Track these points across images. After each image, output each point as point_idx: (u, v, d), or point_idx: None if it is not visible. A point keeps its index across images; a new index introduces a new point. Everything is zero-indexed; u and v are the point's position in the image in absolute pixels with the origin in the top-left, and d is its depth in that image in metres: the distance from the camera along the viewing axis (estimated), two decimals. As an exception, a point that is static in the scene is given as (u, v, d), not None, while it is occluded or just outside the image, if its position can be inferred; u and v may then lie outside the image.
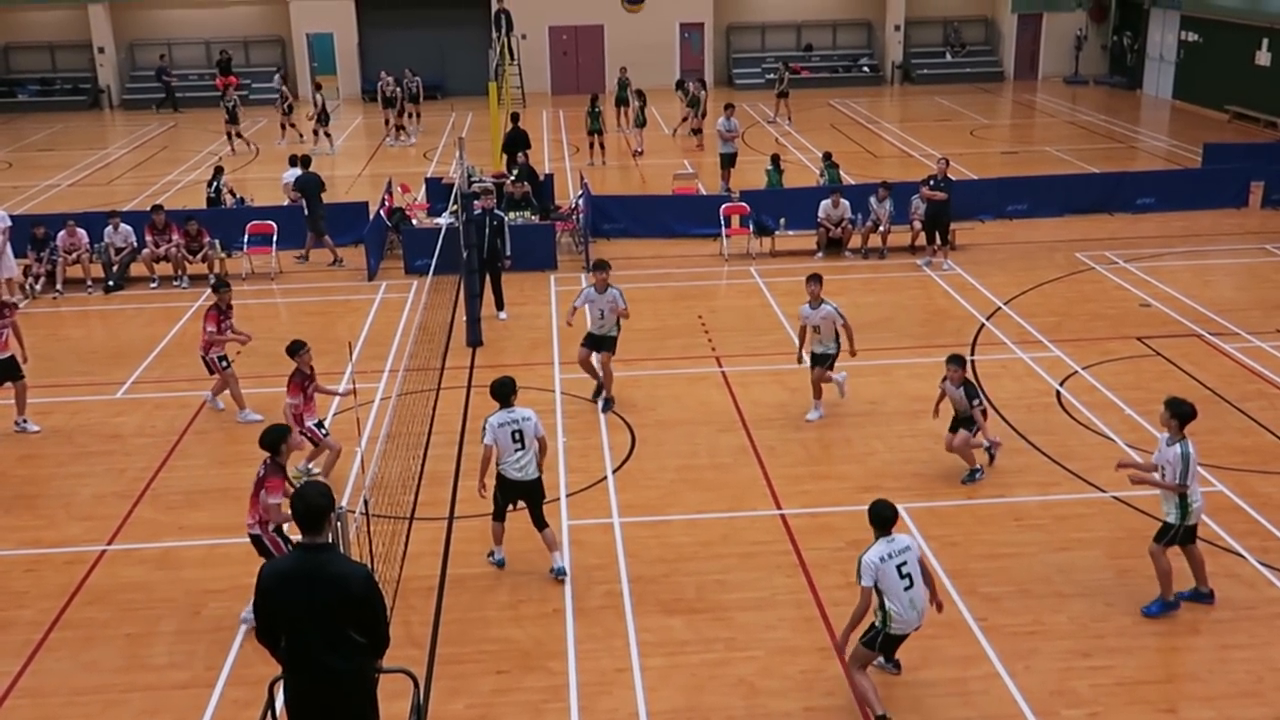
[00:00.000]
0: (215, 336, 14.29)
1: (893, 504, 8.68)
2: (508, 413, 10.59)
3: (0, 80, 40.94)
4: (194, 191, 26.00)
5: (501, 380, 10.77)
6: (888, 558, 8.48)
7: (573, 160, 29.26)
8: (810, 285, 13.93)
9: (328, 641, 6.24)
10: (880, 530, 8.60)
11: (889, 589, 8.47)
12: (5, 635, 10.11)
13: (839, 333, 13.86)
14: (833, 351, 13.95)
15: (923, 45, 43.27)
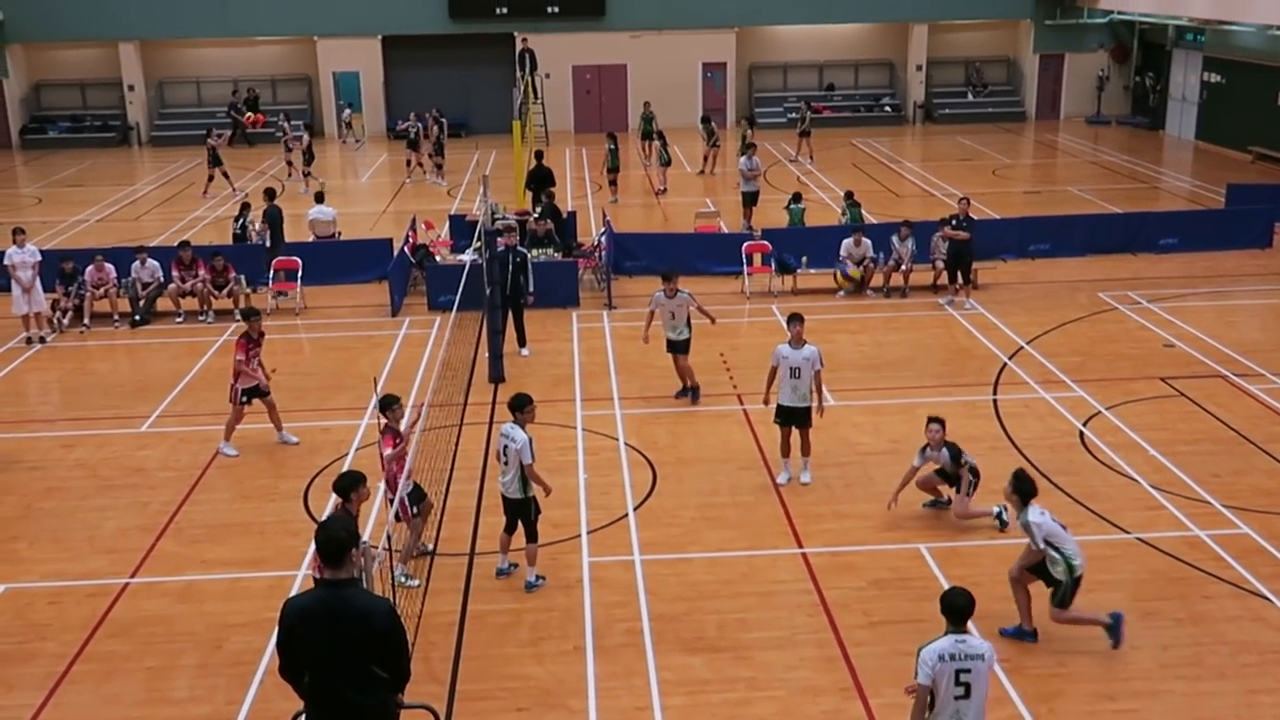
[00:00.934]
0: (241, 366, 14.36)
1: (969, 594, 7.65)
2: (509, 426, 10.96)
3: (32, 117, 41.49)
4: (220, 227, 26.25)
5: (518, 394, 11.20)
6: (949, 659, 7.44)
7: (595, 198, 29.41)
8: (793, 325, 13.31)
9: (350, 676, 6.25)
10: (953, 623, 7.56)
11: (940, 696, 7.44)
12: (28, 667, 10.15)
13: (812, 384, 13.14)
14: (807, 405, 13.15)
15: (944, 85, 43.41)
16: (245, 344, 14.41)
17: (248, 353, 14.40)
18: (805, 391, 13.15)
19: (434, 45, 40.68)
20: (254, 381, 14.55)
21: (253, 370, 14.48)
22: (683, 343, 15.74)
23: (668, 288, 15.47)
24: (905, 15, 41.70)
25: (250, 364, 14.43)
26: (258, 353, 14.56)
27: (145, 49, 41.17)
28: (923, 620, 10.46)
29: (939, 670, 7.39)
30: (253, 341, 14.47)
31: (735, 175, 28.59)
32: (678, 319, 15.60)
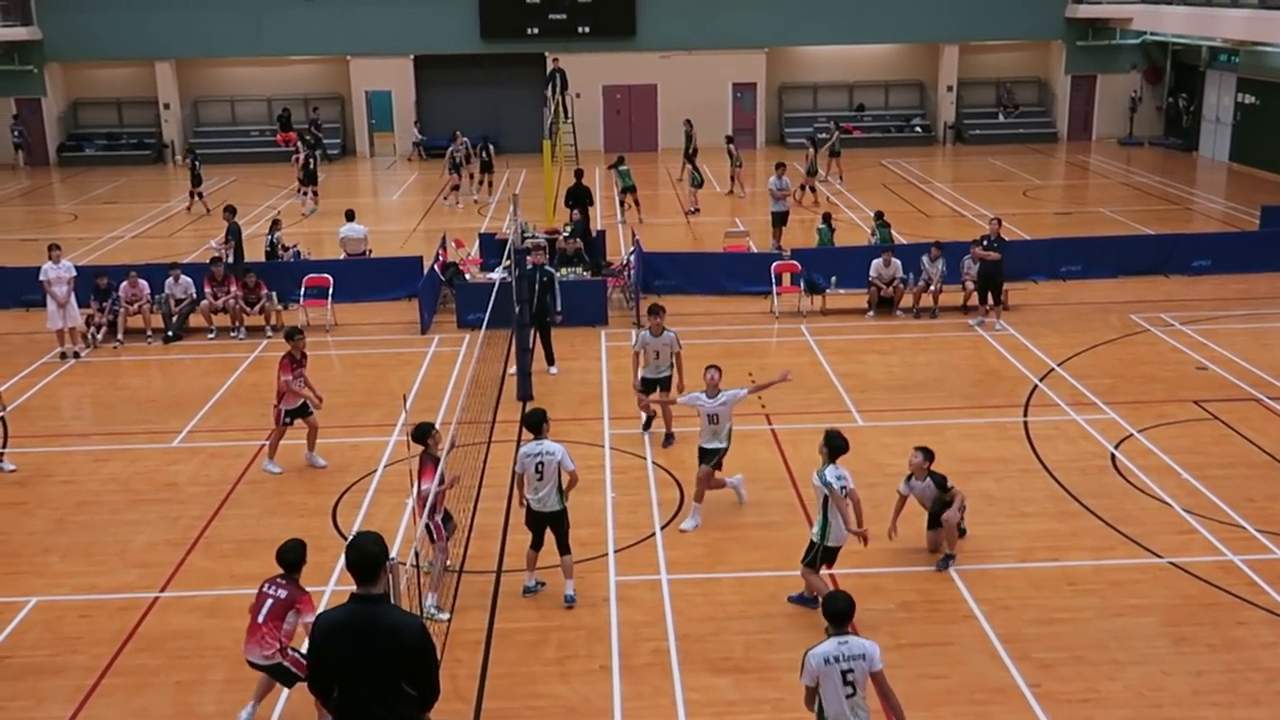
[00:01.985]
0: (286, 386, 14.27)
1: (849, 598, 7.96)
2: (536, 444, 11.04)
3: (69, 135, 42.02)
4: (252, 245, 26.44)
5: (533, 411, 11.31)
6: (833, 660, 7.73)
7: (624, 217, 29.47)
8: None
9: (379, 692, 6.25)
10: (835, 626, 7.85)
11: (829, 697, 7.72)
12: (59, 680, 10.21)
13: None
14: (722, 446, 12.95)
15: (975, 106, 43.33)
16: (289, 364, 14.28)
17: (292, 372, 14.27)
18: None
19: (465, 65, 40.96)
20: (299, 401, 14.44)
21: (300, 390, 14.35)
22: (664, 380, 14.99)
23: (653, 326, 14.84)
24: (936, 36, 41.68)
25: (296, 384, 14.30)
26: (302, 373, 14.40)
27: (181, 68, 41.63)
28: (952, 643, 10.41)
29: (823, 672, 7.71)
30: (296, 361, 14.33)
31: (764, 195, 28.57)
32: (661, 359, 14.93)
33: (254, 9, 39.77)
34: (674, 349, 14.85)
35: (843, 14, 40.56)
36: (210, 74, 42.42)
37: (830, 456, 10.82)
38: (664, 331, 14.85)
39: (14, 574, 12.09)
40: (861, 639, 7.95)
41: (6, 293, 22.15)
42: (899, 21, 40.92)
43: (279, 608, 9.21)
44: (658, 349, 14.89)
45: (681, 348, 14.98)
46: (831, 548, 10.83)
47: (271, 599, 9.27)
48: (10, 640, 10.79)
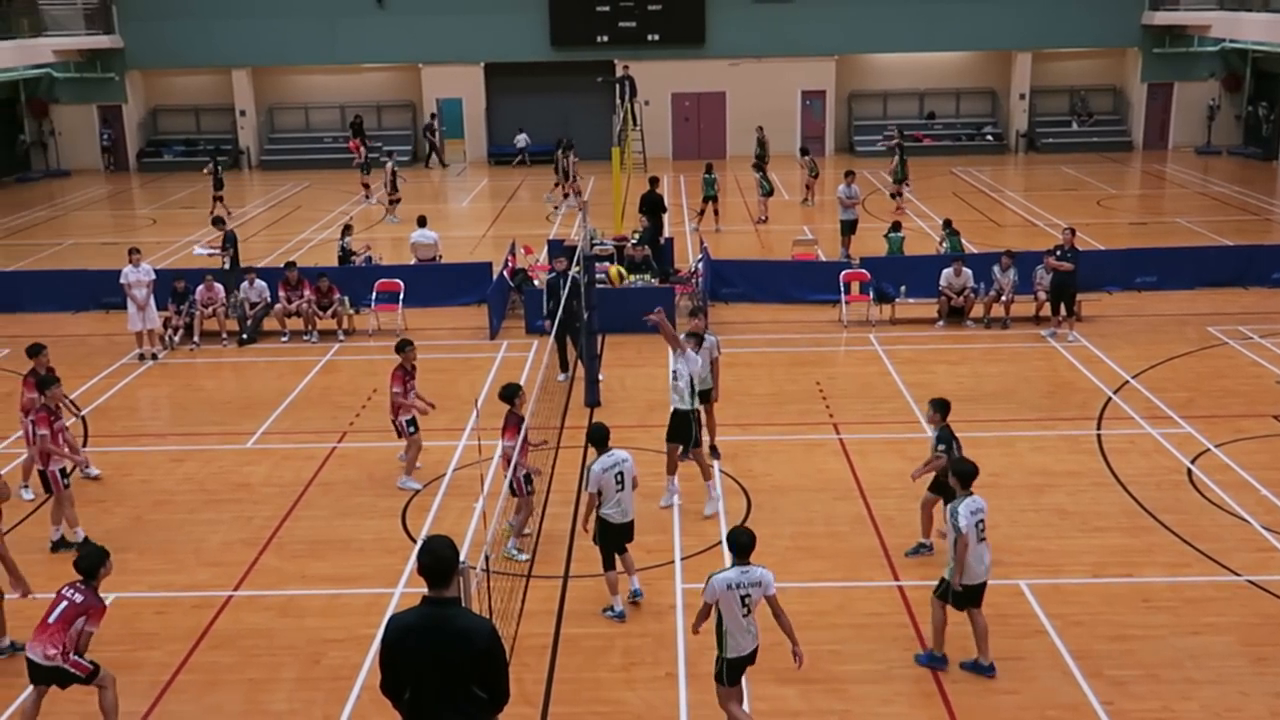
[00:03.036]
0: (400, 399, 14.16)
1: (751, 532, 8.91)
2: (609, 456, 11.07)
3: (149, 141, 42.93)
4: (325, 249, 26.84)
5: (598, 426, 11.34)
6: (734, 586, 8.74)
7: (693, 224, 29.47)
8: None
9: (449, 696, 6.30)
10: (738, 557, 8.85)
11: (728, 615, 8.77)
12: (134, 676, 10.40)
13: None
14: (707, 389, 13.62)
15: (1048, 114, 42.79)
16: (401, 376, 14.17)
17: (404, 385, 14.19)
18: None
19: (535, 72, 41.25)
20: (414, 413, 14.35)
21: (411, 402, 14.24)
22: (705, 393, 14.30)
23: (694, 326, 14.56)
24: (1009, 43, 41.24)
25: (408, 396, 14.21)
26: (414, 384, 14.35)
27: (256, 75, 42.37)
28: (1022, 659, 10.28)
29: (724, 596, 8.75)
30: (408, 374, 14.26)
31: (834, 203, 28.43)
32: (704, 367, 14.12)
33: (328, 18, 40.39)
34: (713, 354, 14.57)
35: (913, 21, 40.29)
36: (285, 81, 43.13)
37: (963, 484, 10.07)
38: (705, 335, 14.56)
39: (93, 570, 12.34)
40: (759, 567, 8.91)
41: (88, 295, 22.67)
42: (971, 29, 40.55)
43: (71, 612, 9.18)
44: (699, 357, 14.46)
45: (720, 353, 14.80)
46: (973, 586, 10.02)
47: (66, 602, 9.23)
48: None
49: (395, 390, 14.15)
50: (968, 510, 9.89)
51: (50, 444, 12.87)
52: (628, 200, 27.08)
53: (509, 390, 12.24)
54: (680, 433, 13.30)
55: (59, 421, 13.12)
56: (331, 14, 40.35)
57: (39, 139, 42.25)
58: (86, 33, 39.85)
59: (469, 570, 7.11)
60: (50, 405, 13.05)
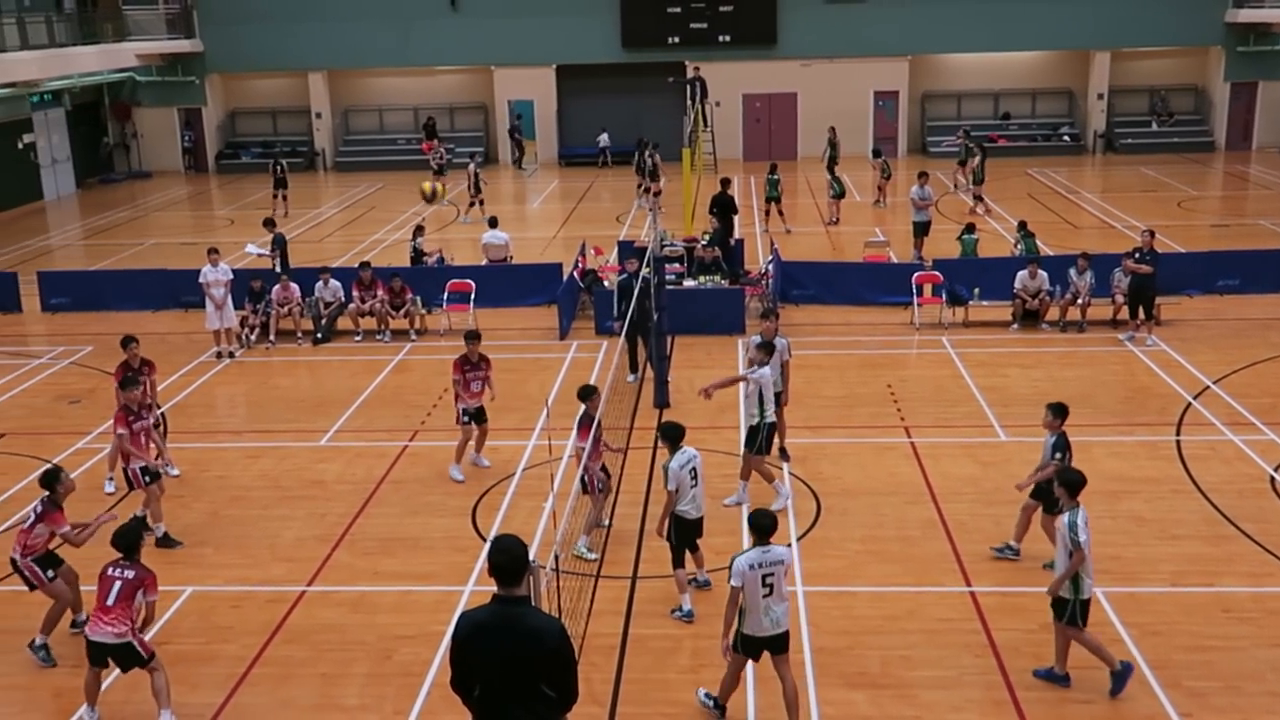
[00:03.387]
0: (454, 385, 14.53)
1: (773, 515, 9.29)
2: (682, 453, 11.17)
3: (227, 143, 43.71)
4: (399, 249, 27.12)
5: (673, 424, 11.42)
6: (756, 566, 8.98)
7: (763, 225, 29.38)
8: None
9: (519, 694, 6.33)
10: (759, 538, 9.10)
11: (749, 595, 9.01)
12: (211, 668, 10.59)
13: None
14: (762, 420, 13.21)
15: (1127, 114, 42.03)
16: (459, 365, 14.50)
17: (462, 374, 14.47)
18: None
19: (606, 74, 41.35)
20: (474, 403, 14.51)
21: (461, 391, 14.46)
22: (775, 395, 14.05)
23: (765, 329, 14.38)
24: (1087, 43, 40.58)
25: (469, 386, 14.44)
26: (477, 376, 14.51)
27: (332, 78, 42.96)
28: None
29: (748, 577, 8.97)
30: (470, 364, 14.49)
31: (906, 205, 28.17)
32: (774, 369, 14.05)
33: (403, 21, 40.83)
34: (784, 356, 14.47)
35: (988, 21, 39.80)
36: (360, 84, 43.69)
37: (1071, 494, 9.76)
38: (776, 337, 14.38)
39: (171, 564, 12.59)
40: (779, 546, 9.15)
41: (167, 294, 23.14)
42: (1047, 28, 39.95)
43: (128, 589, 9.52)
44: None
45: (791, 356, 14.74)
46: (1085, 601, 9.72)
47: (120, 581, 9.54)
48: (167, 627, 11.23)
49: (454, 378, 14.52)
50: (1085, 523, 9.58)
51: (128, 444, 13.11)
52: (698, 201, 27.04)
53: (584, 390, 12.65)
54: (754, 442, 13.26)
55: (140, 421, 13.34)
56: (406, 17, 40.79)
57: (122, 141, 43.21)
58: (168, 37, 40.70)
59: (539, 569, 7.14)
60: (130, 406, 13.29)
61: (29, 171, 37.31)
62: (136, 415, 13.29)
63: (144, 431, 13.32)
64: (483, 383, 14.62)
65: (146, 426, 13.41)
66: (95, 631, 9.53)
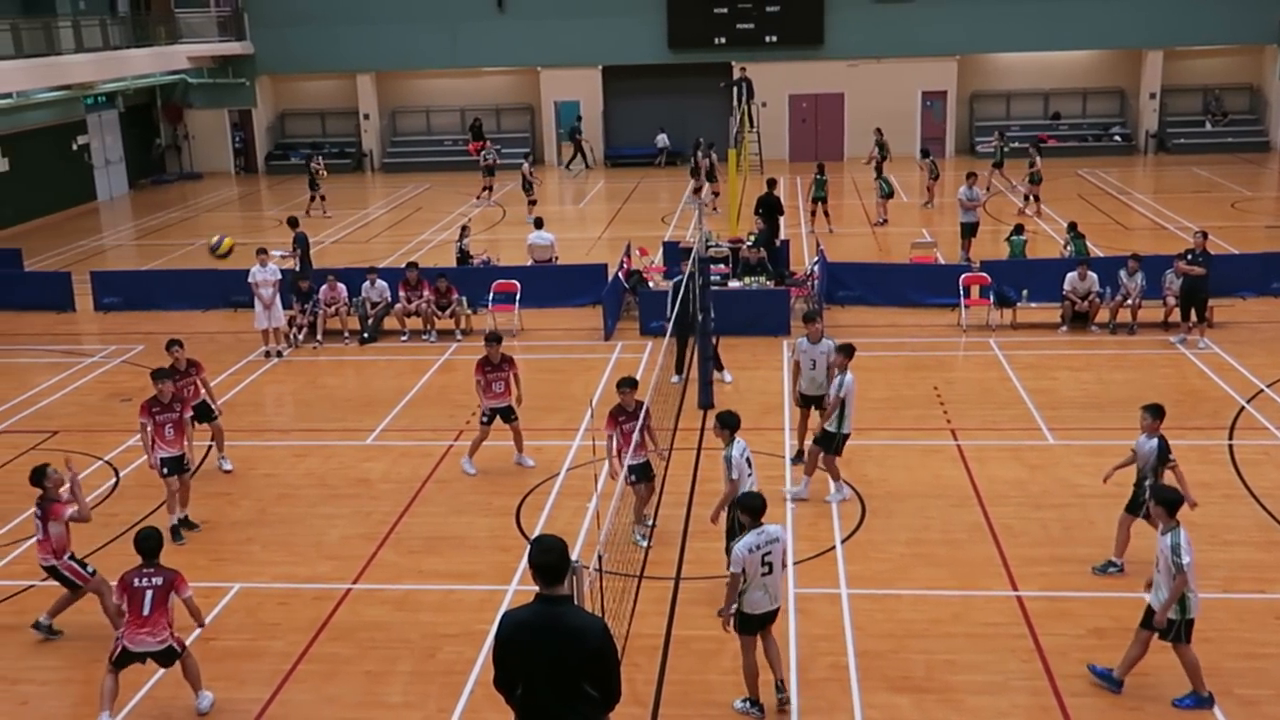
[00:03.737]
0: (477, 385, 14.71)
1: (762, 496, 9.61)
2: (739, 443, 11.40)
3: (277, 144, 44.15)
4: (445, 250, 27.27)
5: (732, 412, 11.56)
6: (755, 549, 9.25)
7: (809, 226, 29.24)
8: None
9: (561, 693, 6.34)
10: (754, 520, 9.36)
11: (750, 576, 9.27)
12: (258, 664, 10.69)
13: None
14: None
15: (1180, 114, 41.45)
16: (480, 366, 14.64)
17: (486, 376, 14.59)
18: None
19: (652, 74, 41.35)
20: (500, 402, 14.67)
21: (493, 395, 14.62)
22: (819, 398, 14.24)
23: (811, 331, 14.20)
24: (1139, 41, 40.07)
25: (491, 387, 14.59)
26: (499, 377, 14.62)
27: (380, 80, 43.28)
28: (1147, 674, 9.95)
29: (749, 560, 9.24)
30: (492, 365, 14.62)
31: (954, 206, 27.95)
32: (818, 369, 14.18)
33: (450, 23, 41.05)
34: (830, 359, 14.07)
35: (1038, 20, 39.39)
36: (407, 85, 43.97)
37: (1170, 513, 9.54)
38: (822, 339, 14.24)
39: (219, 560, 12.73)
40: (773, 526, 9.48)
41: (217, 294, 23.41)
42: (1098, 27, 39.48)
43: (160, 595, 9.56)
44: (814, 357, 14.19)
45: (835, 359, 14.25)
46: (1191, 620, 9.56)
47: (151, 590, 9.55)
48: (215, 623, 11.34)
49: (476, 379, 14.70)
50: (1188, 544, 9.42)
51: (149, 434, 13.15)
52: (744, 202, 26.97)
53: (622, 381, 12.81)
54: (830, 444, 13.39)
55: (169, 414, 13.20)
56: (453, 19, 41.01)
57: (173, 143, 43.76)
58: (219, 39, 41.17)
59: (582, 569, 7.15)
60: (160, 397, 13.25)
61: (83, 173, 37.88)
62: (165, 408, 13.20)
63: (171, 424, 13.23)
64: (505, 383, 14.71)
65: (175, 419, 13.26)
66: (136, 643, 9.57)
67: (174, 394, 13.42)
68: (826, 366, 14.09)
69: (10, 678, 10.68)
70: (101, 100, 38.47)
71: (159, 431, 13.24)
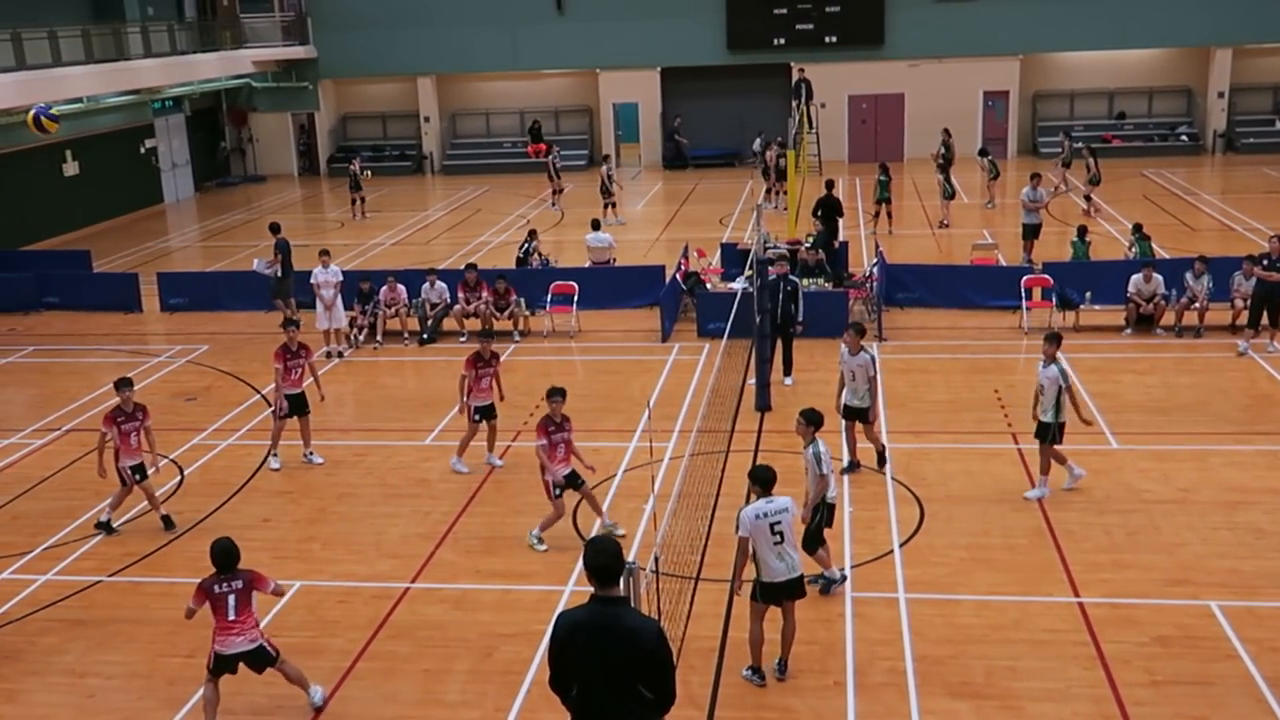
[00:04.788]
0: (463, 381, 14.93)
1: (772, 469, 9.86)
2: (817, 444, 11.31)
3: (339, 147, 44.63)
4: (503, 251, 27.43)
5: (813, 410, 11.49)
6: (762, 516, 9.57)
7: (870, 227, 29.04)
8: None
9: (616, 694, 6.35)
10: (762, 489, 9.69)
11: (762, 544, 9.59)
12: (318, 660, 10.81)
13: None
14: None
15: (1249, 112, 40.64)
16: (475, 362, 14.83)
17: (476, 370, 14.81)
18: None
19: (711, 76, 41.27)
20: (484, 400, 14.94)
21: (481, 390, 14.87)
22: (863, 411, 14.18)
23: (850, 342, 14.08)
24: (1207, 39, 39.35)
25: (480, 383, 14.84)
26: (488, 373, 14.87)
27: (440, 83, 43.60)
28: (1212, 684, 9.79)
29: (755, 526, 9.57)
30: (483, 361, 14.85)
31: (1016, 207, 27.64)
32: (858, 381, 14.02)
33: (509, 26, 41.26)
34: (869, 371, 13.98)
35: (1103, 18, 38.79)
36: (467, 88, 44.27)
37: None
38: (860, 351, 14.00)
39: (281, 558, 12.89)
40: (782, 497, 9.76)
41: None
42: (1165, 24, 38.80)
43: (244, 598, 9.62)
44: (853, 369, 14.00)
45: (877, 371, 14.34)
46: None
47: (233, 594, 9.58)
48: (277, 620, 11.49)
49: (464, 374, 14.81)
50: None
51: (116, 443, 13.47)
52: (802, 203, 26.85)
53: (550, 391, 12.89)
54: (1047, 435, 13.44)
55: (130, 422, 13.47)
56: (512, 21, 41.21)
57: (238, 146, 44.40)
58: (283, 44, 41.70)
59: (638, 570, 7.15)
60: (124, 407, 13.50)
61: (150, 175, 38.56)
62: (129, 416, 13.49)
63: (135, 432, 13.53)
64: (491, 379, 14.90)
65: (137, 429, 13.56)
66: (228, 645, 9.62)
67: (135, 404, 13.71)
68: (867, 379, 13.98)
69: (78, 671, 10.90)
70: (169, 104, 39.12)
71: (124, 440, 13.48)
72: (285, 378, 15.37)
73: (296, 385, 15.44)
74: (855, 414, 14.28)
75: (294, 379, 15.43)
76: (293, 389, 15.40)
